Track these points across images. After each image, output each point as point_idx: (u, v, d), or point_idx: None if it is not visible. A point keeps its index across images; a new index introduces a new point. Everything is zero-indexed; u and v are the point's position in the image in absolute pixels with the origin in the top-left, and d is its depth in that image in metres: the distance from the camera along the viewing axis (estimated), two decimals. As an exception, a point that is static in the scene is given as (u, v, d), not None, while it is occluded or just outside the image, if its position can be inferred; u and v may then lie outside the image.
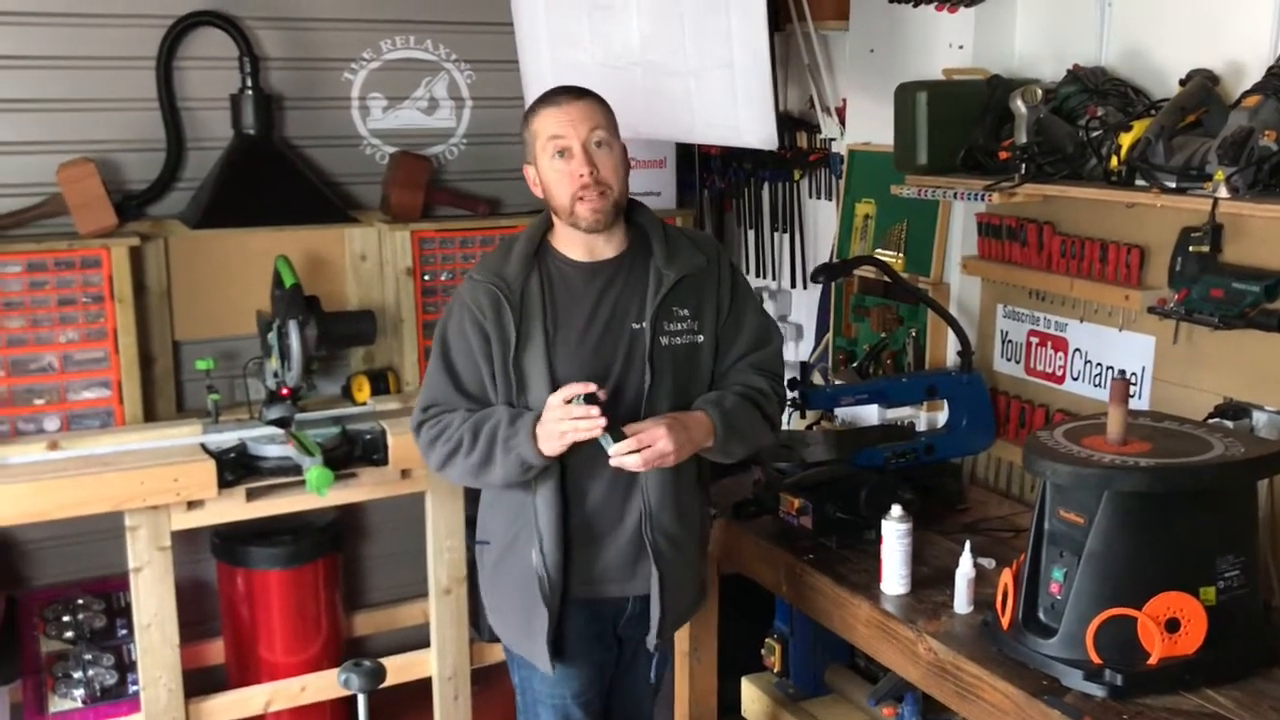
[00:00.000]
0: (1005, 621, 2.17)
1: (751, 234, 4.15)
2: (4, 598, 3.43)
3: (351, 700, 3.74)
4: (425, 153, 3.95)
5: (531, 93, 3.42)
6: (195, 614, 3.73)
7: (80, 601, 3.51)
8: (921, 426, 3.11)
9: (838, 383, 3.39)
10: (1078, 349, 2.90)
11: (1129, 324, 2.75)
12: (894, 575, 2.42)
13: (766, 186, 4.02)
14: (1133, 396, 2.76)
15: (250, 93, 3.57)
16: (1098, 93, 2.63)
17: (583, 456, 2.29)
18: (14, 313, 3.29)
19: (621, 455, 2.16)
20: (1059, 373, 2.96)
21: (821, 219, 3.85)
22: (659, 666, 2.56)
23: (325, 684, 3.55)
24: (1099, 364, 2.85)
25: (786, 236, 3.98)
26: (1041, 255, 2.92)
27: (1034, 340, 3.02)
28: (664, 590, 2.38)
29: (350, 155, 3.90)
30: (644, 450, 2.17)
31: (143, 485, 3.12)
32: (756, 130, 2.95)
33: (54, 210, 3.34)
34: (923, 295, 2.95)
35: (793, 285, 3.99)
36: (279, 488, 3.33)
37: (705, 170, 4.16)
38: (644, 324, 2.30)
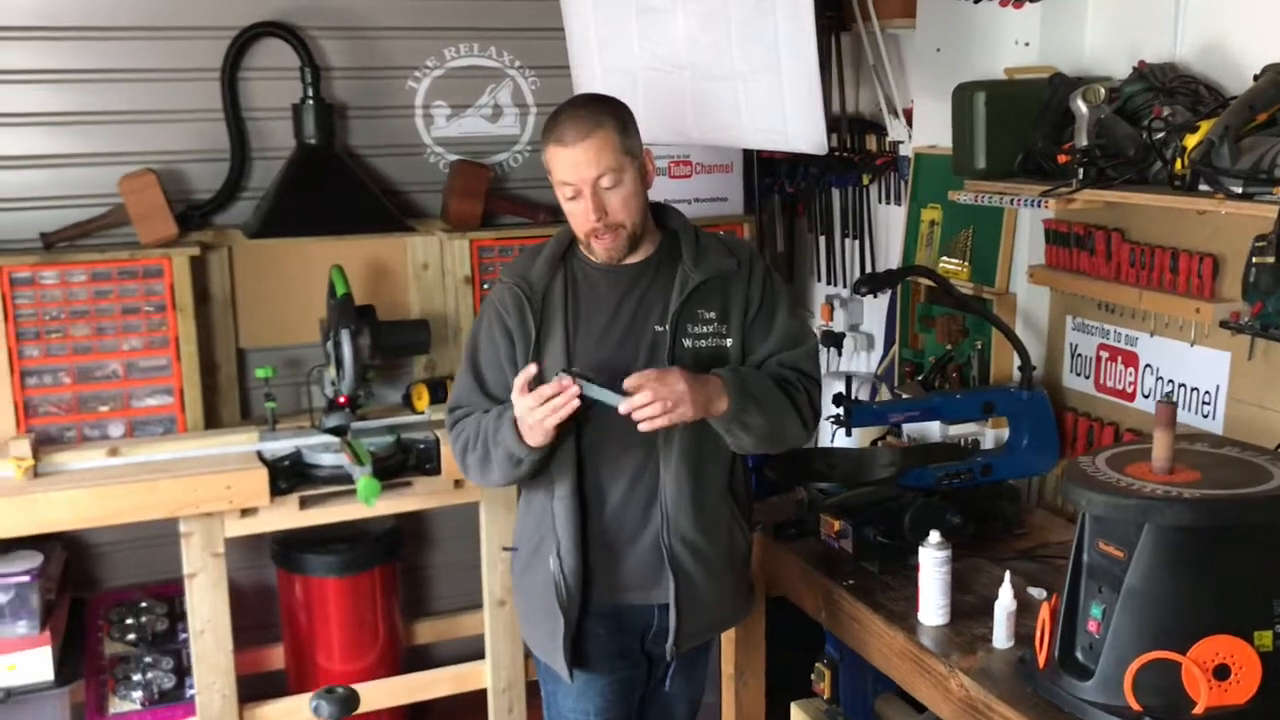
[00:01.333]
0: (1041, 660, 2.02)
1: (823, 240, 4.02)
2: (69, 599, 3.50)
3: (409, 709, 3.78)
4: (489, 160, 3.93)
5: (582, 99, 3.37)
6: (260, 618, 3.78)
7: (144, 605, 3.57)
8: (988, 444, 2.96)
9: (903, 395, 3.26)
10: (1149, 364, 2.72)
11: (1201, 339, 2.56)
12: (931, 605, 2.28)
13: (836, 191, 3.89)
14: (1206, 417, 2.57)
15: (311, 102, 3.59)
16: (1164, 91, 2.45)
17: (602, 459, 2.28)
18: (79, 321, 3.36)
19: (633, 405, 2.10)
20: (1129, 390, 2.77)
21: (892, 225, 3.70)
22: (674, 677, 2.45)
23: (382, 692, 3.56)
24: (1170, 381, 2.66)
25: (856, 243, 3.84)
26: (1110, 264, 2.74)
27: (1104, 355, 2.84)
28: (680, 598, 2.30)
29: (414, 164, 3.90)
30: (655, 395, 2.10)
31: (196, 492, 3.16)
32: (805, 135, 2.84)
33: (117, 221, 3.40)
34: (976, 306, 2.79)
35: (865, 294, 3.84)
36: (333, 496, 3.34)
37: (774, 175, 4.05)
38: (665, 326, 2.27)
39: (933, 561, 2.27)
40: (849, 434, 2.65)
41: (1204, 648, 1.83)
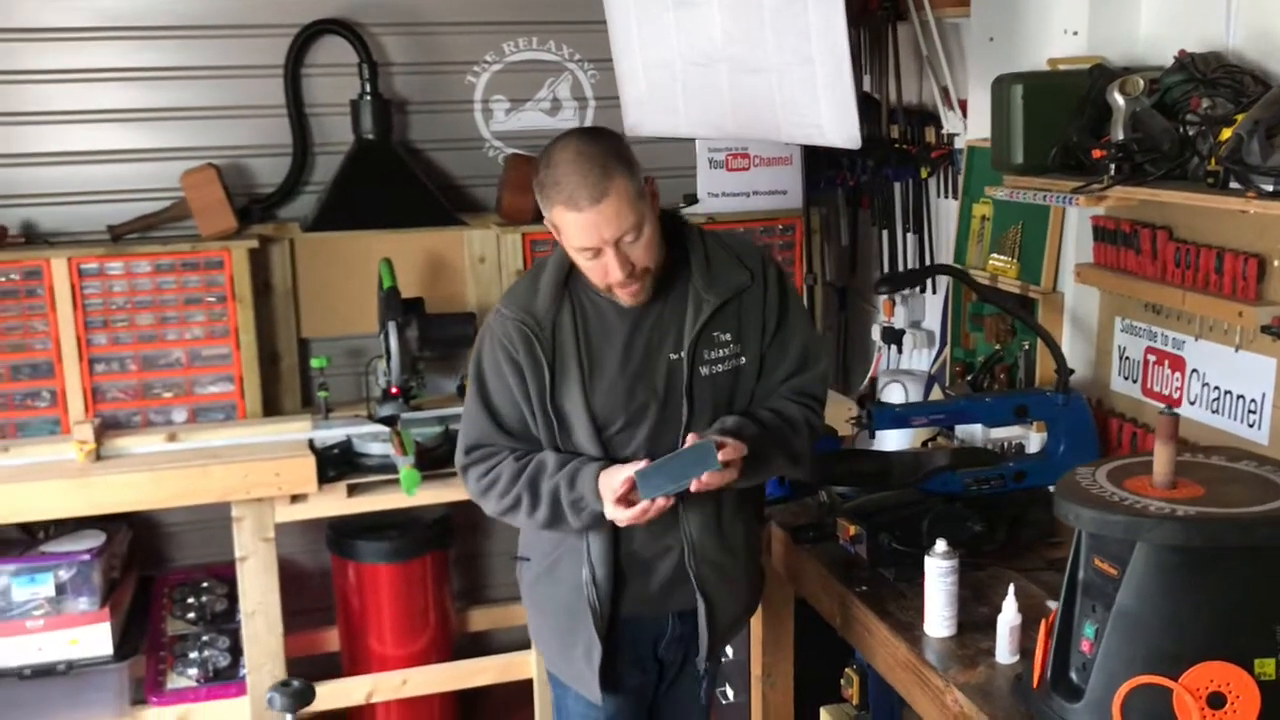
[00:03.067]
0: (1035, 678, 1.94)
1: (885, 234, 3.93)
2: (137, 577, 3.65)
3: (458, 695, 3.84)
4: (549, 154, 3.94)
5: (625, 94, 3.36)
6: (318, 601, 3.88)
7: (205, 585, 3.70)
8: (1032, 449, 2.86)
9: (952, 394, 3.18)
10: (1195, 369, 2.58)
11: (1246, 343, 2.42)
12: (937, 616, 2.21)
13: (897, 185, 3.80)
14: (1252, 426, 2.43)
15: (369, 98, 3.66)
16: (1206, 82, 2.32)
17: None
18: (144, 310, 3.50)
19: (708, 485, 2.07)
20: (1176, 395, 2.64)
21: (951, 219, 3.59)
22: (709, 687, 2.47)
23: (429, 678, 3.62)
24: (1216, 387, 2.52)
25: (915, 238, 3.75)
26: (1156, 264, 2.62)
27: (1151, 358, 2.71)
28: (711, 616, 2.29)
29: (473, 158, 3.94)
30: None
31: (246, 478, 3.26)
32: (839, 128, 2.77)
33: (180, 214, 3.52)
34: (1011, 306, 2.69)
35: (922, 290, 3.75)
36: (380, 485, 3.40)
37: (837, 167, 3.97)
38: (682, 354, 2.18)
39: (937, 571, 2.20)
40: (872, 436, 2.58)
41: (1198, 674, 1.73)
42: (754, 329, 2.23)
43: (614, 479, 2.09)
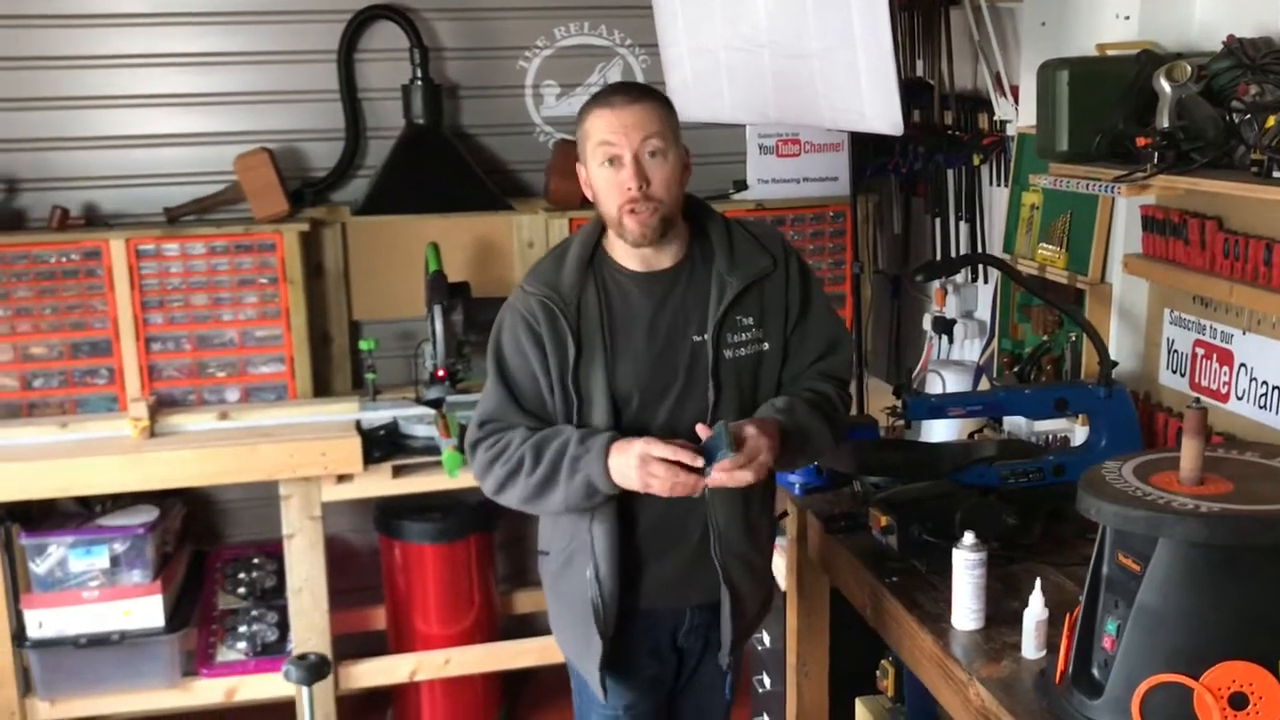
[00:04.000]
0: (1058, 674, 1.91)
1: (938, 222, 3.87)
2: (190, 552, 3.74)
3: (502, 676, 3.87)
4: (598, 139, 3.95)
5: (670, 80, 3.34)
6: (370, 579, 3.94)
7: (255, 560, 3.78)
8: (1077, 442, 2.81)
9: (999, 385, 3.13)
10: (1243, 364, 2.51)
11: (1294, 338, 2.35)
12: (964, 609, 2.18)
13: (950, 172, 3.74)
14: (1297, 423, 2.36)
15: (420, 83, 3.69)
16: (1255, 68, 2.25)
17: None
18: (198, 291, 3.57)
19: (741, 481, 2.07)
20: (1224, 390, 2.57)
21: (1003, 207, 3.53)
22: (734, 683, 2.47)
23: (471, 658, 3.67)
24: (1265, 382, 2.45)
25: (968, 226, 3.69)
26: (1205, 255, 2.55)
27: (1199, 351, 2.64)
28: (736, 610, 2.29)
29: (524, 143, 3.96)
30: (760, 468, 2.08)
31: (292, 458, 3.32)
32: (882, 114, 2.74)
33: (234, 197, 3.59)
34: (1051, 297, 2.64)
35: (973, 279, 3.69)
36: (425, 466, 3.45)
37: (889, 153, 3.92)
38: (706, 336, 2.17)
39: (965, 564, 2.17)
40: (909, 426, 2.55)
41: (1219, 673, 1.69)
42: (777, 315, 2.23)
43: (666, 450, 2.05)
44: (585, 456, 2.09)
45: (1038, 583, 2.09)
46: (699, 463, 2.04)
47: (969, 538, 2.19)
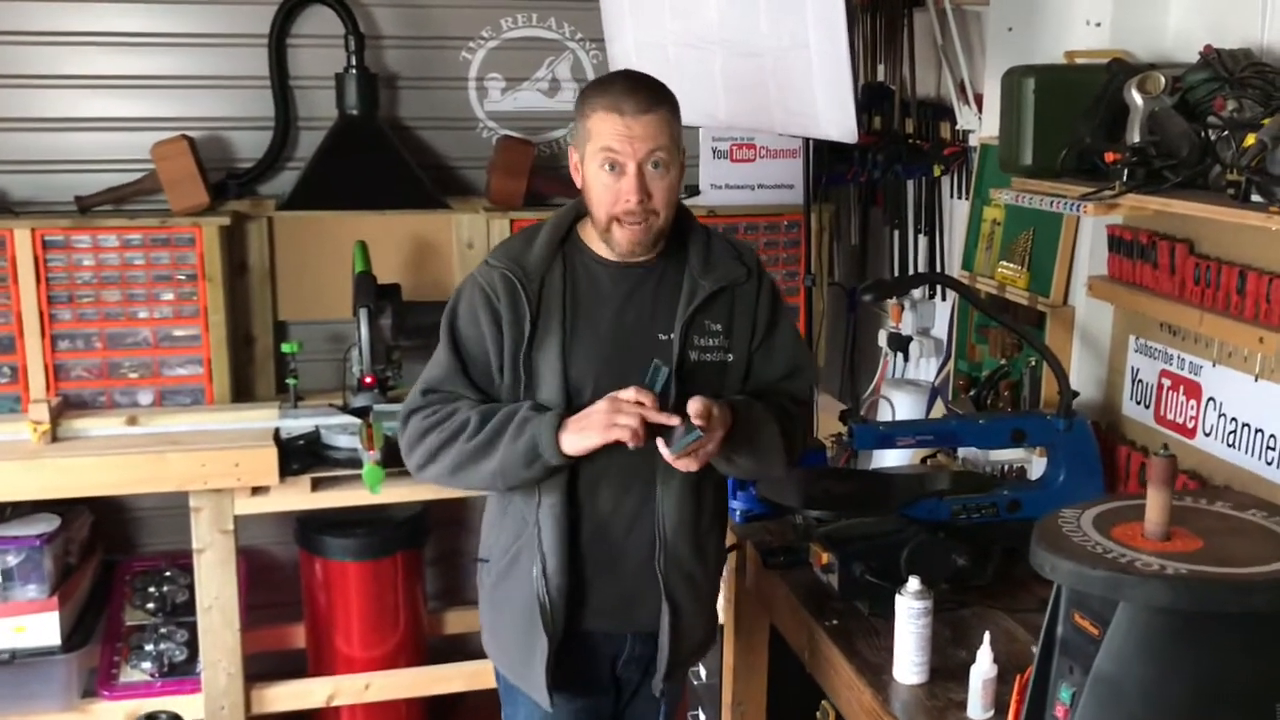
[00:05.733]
0: (1005, 742, 1.75)
1: (897, 234, 3.71)
2: (99, 563, 3.51)
3: (425, 701, 3.67)
4: (544, 137, 3.77)
5: (616, 76, 3.16)
6: (288, 595, 3.73)
7: (168, 574, 3.56)
8: (1035, 474, 2.65)
9: (954, 409, 2.96)
10: (1211, 398, 2.36)
11: (1267, 373, 2.19)
12: (907, 662, 2.01)
13: (910, 183, 3.57)
14: (1271, 464, 2.21)
15: (355, 72, 3.49)
16: (1233, 82, 2.09)
17: (600, 473, 2.09)
18: (111, 286, 3.35)
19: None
20: (1190, 425, 2.42)
21: (963, 222, 3.37)
22: (669, 712, 2.31)
23: (393, 683, 3.47)
24: (1234, 419, 2.29)
25: (926, 240, 3.52)
26: (1174, 280, 2.39)
27: (1166, 382, 2.49)
28: (675, 631, 2.16)
29: (466, 138, 3.77)
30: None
31: (204, 468, 3.11)
32: (836, 120, 2.57)
33: (150, 187, 3.37)
34: (1006, 320, 2.48)
35: (931, 296, 3.53)
36: (348, 479, 3.25)
37: (848, 161, 3.75)
38: (672, 335, 2.09)
39: (909, 613, 2.00)
40: (854, 455, 2.38)
41: (1184, 755, 1.52)
42: (744, 327, 2.16)
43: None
44: (536, 418, 2.02)
45: (986, 636, 1.92)
46: (674, 421, 1.97)
47: (914, 584, 2.02)
